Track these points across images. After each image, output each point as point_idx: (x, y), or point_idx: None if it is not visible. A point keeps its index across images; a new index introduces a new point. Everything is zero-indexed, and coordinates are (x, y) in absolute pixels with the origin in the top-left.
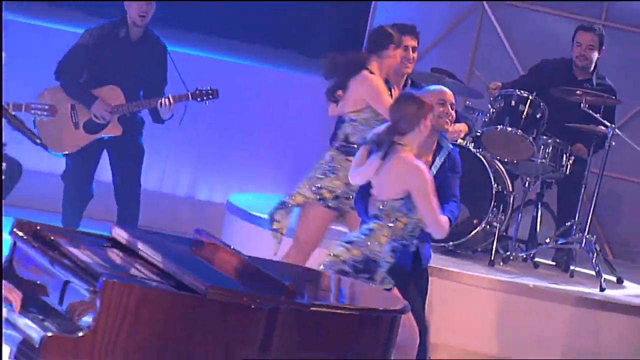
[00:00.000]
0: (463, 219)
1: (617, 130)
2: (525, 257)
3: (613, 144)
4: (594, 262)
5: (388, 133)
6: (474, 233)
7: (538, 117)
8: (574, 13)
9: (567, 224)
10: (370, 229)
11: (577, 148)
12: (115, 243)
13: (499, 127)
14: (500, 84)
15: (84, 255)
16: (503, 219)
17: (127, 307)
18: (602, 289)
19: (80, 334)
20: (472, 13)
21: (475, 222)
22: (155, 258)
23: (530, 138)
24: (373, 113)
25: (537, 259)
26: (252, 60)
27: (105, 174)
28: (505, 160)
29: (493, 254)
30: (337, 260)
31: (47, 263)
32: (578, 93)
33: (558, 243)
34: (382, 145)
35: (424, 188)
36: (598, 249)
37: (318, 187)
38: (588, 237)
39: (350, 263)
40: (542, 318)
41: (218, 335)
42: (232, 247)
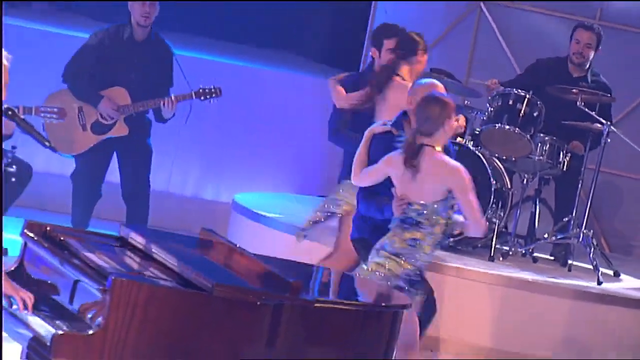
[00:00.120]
0: None
1: (612, 128)
2: (524, 252)
3: (609, 141)
4: (592, 256)
5: (415, 136)
6: None
7: (535, 115)
8: (569, 13)
9: (564, 220)
10: (415, 239)
11: (573, 145)
12: (124, 242)
13: (497, 125)
14: (497, 81)
15: (94, 255)
16: (502, 215)
17: (135, 304)
18: (599, 283)
19: (91, 332)
20: (470, 14)
21: None
22: (163, 257)
23: (528, 136)
24: None
25: (535, 254)
26: (254, 63)
27: (114, 175)
28: (504, 158)
29: (493, 250)
30: (391, 275)
31: (57, 263)
32: (574, 91)
33: (556, 238)
34: (410, 148)
35: (467, 185)
36: (595, 244)
37: None
38: (585, 231)
39: (404, 277)
40: (541, 311)
41: (224, 332)
42: (237, 245)
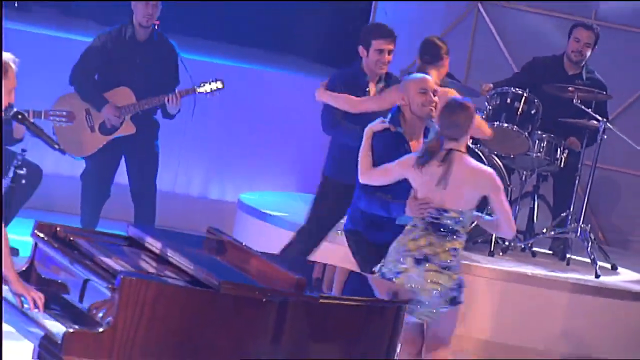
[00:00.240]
0: None
1: (608, 124)
2: (524, 247)
3: (605, 137)
4: (589, 250)
5: (442, 141)
6: (474, 225)
7: (533, 113)
8: (566, 13)
9: (562, 215)
10: (456, 249)
11: (570, 141)
12: (132, 242)
13: (496, 123)
14: (492, 85)
15: (102, 255)
16: None
17: (144, 302)
18: (597, 276)
19: (101, 330)
20: (468, 14)
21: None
22: (171, 256)
23: (526, 133)
24: None
25: (534, 249)
26: (257, 65)
27: (122, 176)
28: (502, 155)
29: (493, 245)
30: (445, 290)
31: (67, 262)
32: (570, 89)
33: (554, 233)
34: (434, 154)
35: (501, 188)
36: (593, 238)
37: None
38: (583, 226)
39: (455, 287)
40: (540, 304)
41: (231, 329)
42: (243, 243)
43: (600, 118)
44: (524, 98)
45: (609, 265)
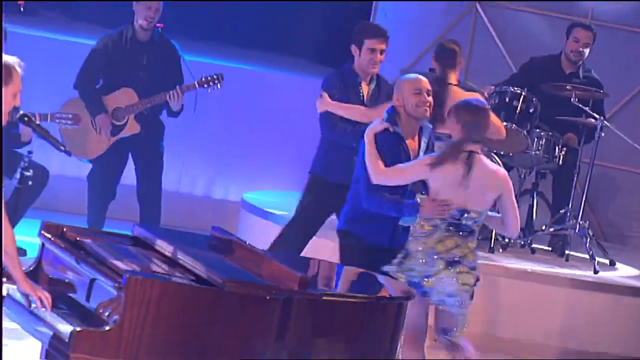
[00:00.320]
0: None
1: (605, 122)
2: (523, 243)
3: (602, 135)
4: (588, 246)
5: (464, 143)
6: None
7: (531, 111)
8: (562, 13)
9: (561, 212)
10: (475, 248)
11: (567, 137)
12: (138, 241)
13: None
14: (493, 87)
15: (108, 254)
16: None
17: (150, 301)
18: (595, 272)
19: (107, 328)
20: (467, 15)
21: None
22: (175, 254)
23: (525, 131)
24: None
25: (534, 245)
26: (260, 66)
27: (128, 177)
28: (502, 153)
29: (493, 242)
30: (469, 288)
31: (73, 262)
32: (568, 88)
33: (553, 229)
34: (457, 156)
35: (512, 190)
36: (591, 234)
37: None
38: (581, 223)
39: (474, 285)
40: (540, 300)
41: (236, 327)
42: (247, 242)
43: (598, 116)
44: (523, 97)
45: (608, 261)
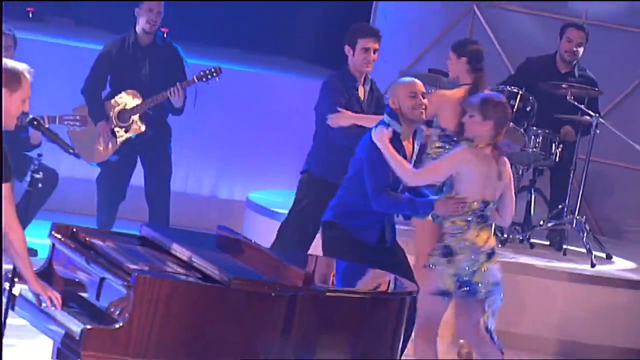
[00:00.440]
0: None
1: (601, 119)
2: (522, 238)
3: (598, 132)
4: (585, 240)
5: (497, 137)
6: None
7: (528, 110)
8: (556, 13)
9: (558, 207)
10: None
11: (565, 131)
12: (146, 241)
13: None
14: (490, 88)
15: (118, 254)
16: None
17: (158, 299)
18: (592, 265)
19: (117, 326)
20: (465, 16)
21: None
22: (183, 253)
23: (522, 129)
24: None
25: (532, 240)
26: (262, 69)
27: (136, 178)
28: None
29: None
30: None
31: (83, 262)
32: (564, 87)
33: (551, 224)
34: (492, 147)
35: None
36: (588, 229)
37: None
38: (578, 218)
39: None
40: (538, 293)
41: (242, 324)
42: (252, 240)
43: (593, 113)
44: (519, 96)
45: (604, 255)
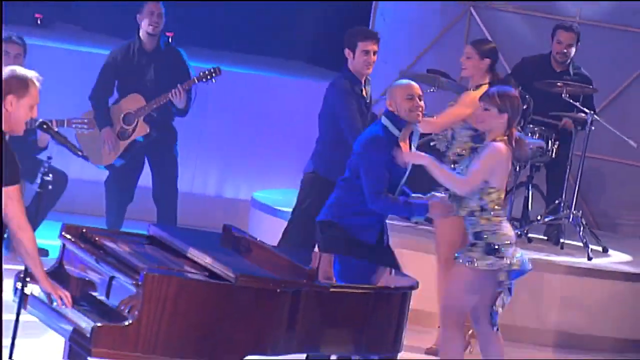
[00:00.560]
0: None
1: (596, 116)
2: (520, 233)
3: (593, 129)
4: (581, 234)
5: (510, 129)
6: None
7: (524, 108)
8: (546, 13)
9: (555, 202)
10: None
11: (564, 122)
12: (153, 240)
13: None
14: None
15: (126, 253)
16: None
17: (166, 297)
18: (589, 258)
19: (126, 324)
20: (463, 17)
21: None
22: (190, 252)
23: (519, 127)
24: None
25: (530, 235)
26: (264, 71)
27: (144, 179)
28: None
29: None
30: None
31: (93, 261)
32: (559, 85)
33: (548, 219)
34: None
35: None
36: (584, 223)
37: None
38: (575, 212)
39: None
40: (536, 287)
41: (248, 321)
42: (258, 239)
43: (588, 110)
44: None
45: (600, 248)
